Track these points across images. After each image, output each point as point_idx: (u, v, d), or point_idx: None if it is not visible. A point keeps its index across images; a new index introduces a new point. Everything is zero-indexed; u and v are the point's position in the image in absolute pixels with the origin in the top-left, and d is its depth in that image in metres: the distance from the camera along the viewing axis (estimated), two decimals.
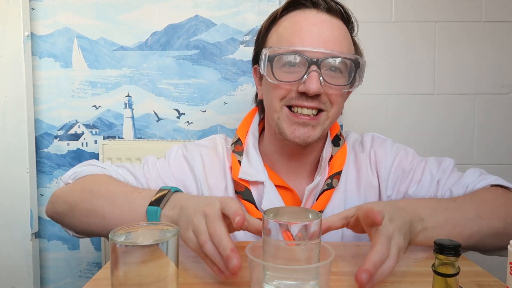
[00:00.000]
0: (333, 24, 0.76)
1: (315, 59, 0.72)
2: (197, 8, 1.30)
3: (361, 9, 1.30)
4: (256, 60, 0.85)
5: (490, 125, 1.34)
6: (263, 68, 0.76)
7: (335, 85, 0.74)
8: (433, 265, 0.44)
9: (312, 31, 0.74)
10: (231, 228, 0.58)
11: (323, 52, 0.72)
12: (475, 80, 1.33)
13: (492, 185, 0.77)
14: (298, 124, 0.75)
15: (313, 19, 0.75)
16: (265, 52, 0.76)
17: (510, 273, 0.45)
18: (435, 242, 0.44)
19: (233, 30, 1.30)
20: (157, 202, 0.65)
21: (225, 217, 0.57)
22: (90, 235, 0.79)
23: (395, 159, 0.84)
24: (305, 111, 0.75)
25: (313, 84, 0.71)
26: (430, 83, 1.33)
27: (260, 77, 0.84)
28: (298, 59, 0.73)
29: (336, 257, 0.64)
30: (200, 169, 0.85)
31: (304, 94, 0.73)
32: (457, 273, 0.43)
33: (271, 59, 0.75)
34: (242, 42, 1.30)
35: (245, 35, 1.30)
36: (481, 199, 0.72)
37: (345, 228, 0.73)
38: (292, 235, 0.52)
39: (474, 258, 0.67)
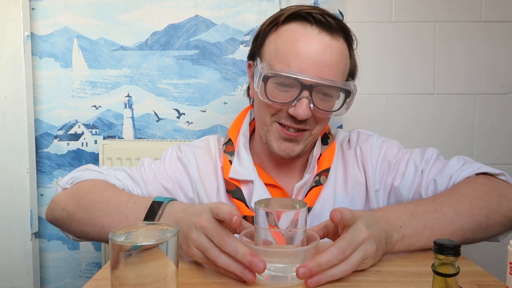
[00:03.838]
0: (333, 47, 0.75)
1: (308, 84, 0.73)
2: (197, 8, 1.30)
3: (361, 9, 1.30)
4: (251, 56, 0.86)
5: (490, 125, 1.34)
6: (256, 85, 0.77)
7: (325, 110, 0.77)
8: (433, 265, 0.44)
9: (309, 55, 0.73)
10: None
11: (316, 81, 0.73)
12: (475, 80, 1.33)
13: (478, 173, 0.77)
14: (285, 139, 0.79)
15: (314, 41, 0.74)
16: (260, 71, 0.76)
17: (510, 273, 0.46)
18: (435, 242, 0.44)
19: (233, 30, 1.30)
20: (152, 216, 0.66)
21: (221, 222, 0.58)
22: (90, 240, 0.80)
23: (381, 153, 0.86)
24: (292, 129, 0.78)
25: (302, 111, 0.73)
26: (430, 83, 1.33)
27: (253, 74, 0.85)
28: (291, 82, 0.74)
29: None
30: (194, 170, 0.86)
31: (293, 116, 0.75)
32: (457, 273, 0.43)
33: (265, 79, 0.75)
34: (242, 42, 1.30)
35: (245, 35, 1.30)
36: (461, 194, 0.71)
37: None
38: (282, 234, 0.57)
39: (474, 258, 0.67)
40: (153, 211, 0.66)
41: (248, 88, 0.91)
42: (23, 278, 1.28)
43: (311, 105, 0.74)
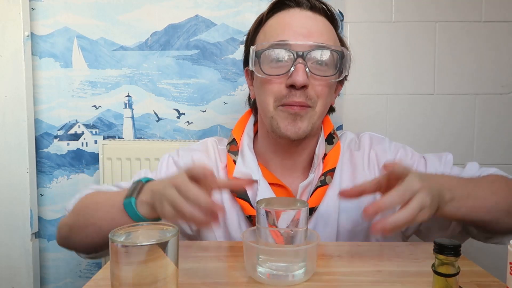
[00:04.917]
0: (317, 19, 0.79)
1: (301, 52, 0.74)
2: (197, 8, 1.30)
3: (361, 9, 1.30)
4: (246, 62, 0.87)
5: (490, 125, 1.34)
6: (251, 64, 0.79)
7: (321, 75, 0.77)
8: (433, 265, 0.44)
9: (297, 25, 0.77)
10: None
11: (308, 45, 0.75)
12: (475, 80, 1.33)
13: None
14: (290, 115, 0.77)
15: (298, 16, 0.79)
16: (252, 49, 0.79)
17: (510, 273, 0.46)
18: (435, 242, 0.44)
19: (233, 30, 1.30)
20: (131, 193, 0.68)
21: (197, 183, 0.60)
22: (95, 249, 0.81)
23: (396, 157, 0.86)
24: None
25: (299, 76, 0.74)
26: (430, 83, 1.33)
27: (252, 78, 0.86)
28: (284, 53, 0.76)
29: (335, 257, 0.66)
30: None
31: (292, 88, 0.76)
32: (457, 273, 0.43)
33: (258, 55, 0.78)
34: (242, 42, 1.30)
35: (245, 35, 1.29)
36: (491, 180, 0.75)
37: (339, 229, 0.79)
38: (280, 234, 0.57)
39: (474, 258, 0.67)
40: (133, 189, 0.69)
41: (249, 97, 0.92)
42: (23, 278, 1.28)
43: (307, 70, 0.74)
